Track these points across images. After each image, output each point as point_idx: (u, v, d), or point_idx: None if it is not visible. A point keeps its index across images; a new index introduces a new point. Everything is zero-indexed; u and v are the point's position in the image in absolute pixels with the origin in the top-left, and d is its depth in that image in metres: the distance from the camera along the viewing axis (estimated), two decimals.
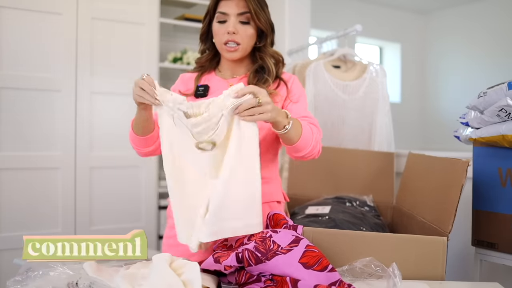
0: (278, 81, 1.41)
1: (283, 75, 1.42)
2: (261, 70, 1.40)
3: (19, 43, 2.37)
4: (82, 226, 2.50)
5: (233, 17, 1.32)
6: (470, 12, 5.50)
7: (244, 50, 1.36)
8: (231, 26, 1.31)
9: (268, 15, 1.37)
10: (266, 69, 1.38)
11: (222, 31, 1.33)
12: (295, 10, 3.24)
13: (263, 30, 1.36)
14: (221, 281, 1.06)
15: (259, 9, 1.34)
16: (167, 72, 3.13)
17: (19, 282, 0.95)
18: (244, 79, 1.40)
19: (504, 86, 1.33)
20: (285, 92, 1.39)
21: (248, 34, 1.34)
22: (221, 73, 1.44)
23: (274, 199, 1.39)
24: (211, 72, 1.46)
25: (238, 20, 1.33)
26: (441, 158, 1.43)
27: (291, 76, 1.44)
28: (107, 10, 2.58)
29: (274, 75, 1.39)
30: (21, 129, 2.39)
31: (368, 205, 1.77)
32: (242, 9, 1.32)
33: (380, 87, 2.32)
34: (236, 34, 1.32)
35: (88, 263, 1.02)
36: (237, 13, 1.32)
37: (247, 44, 1.35)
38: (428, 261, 1.15)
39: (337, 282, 0.94)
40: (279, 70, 1.42)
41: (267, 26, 1.36)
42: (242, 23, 1.33)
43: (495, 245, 1.43)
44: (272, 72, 1.38)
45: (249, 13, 1.32)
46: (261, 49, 1.40)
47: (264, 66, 1.39)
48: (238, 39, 1.33)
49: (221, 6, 1.34)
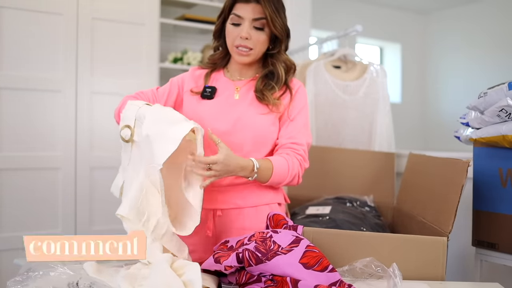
0: (285, 88, 1.40)
1: (291, 82, 1.41)
2: (271, 75, 1.38)
3: (19, 43, 2.37)
4: (83, 226, 2.50)
5: (247, 21, 1.30)
6: (470, 12, 5.50)
7: (255, 55, 1.34)
8: (244, 32, 1.29)
9: (284, 20, 1.35)
10: (276, 76, 1.37)
11: (235, 34, 1.31)
12: (296, 10, 3.24)
13: (277, 36, 1.34)
14: (221, 281, 1.06)
15: (276, 15, 1.31)
16: (168, 73, 3.12)
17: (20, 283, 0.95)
18: (251, 82, 1.40)
19: (504, 87, 1.33)
20: (288, 101, 1.38)
21: (261, 40, 1.32)
22: (229, 73, 1.43)
23: (275, 201, 1.39)
24: (220, 70, 1.45)
25: (252, 25, 1.30)
26: (442, 158, 1.43)
27: (297, 83, 1.43)
28: (107, 11, 2.58)
29: (282, 83, 1.37)
30: (21, 129, 2.38)
31: (369, 205, 1.77)
32: (258, 15, 1.30)
33: (380, 87, 2.32)
34: (249, 39, 1.31)
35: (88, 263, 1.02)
36: (252, 18, 1.30)
37: (259, 50, 1.34)
38: (428, 262, 1.15)
39: (337, 283, 0.94)
40: (289, 77, 1.40)
41: (283, 32, 1.34)
42: (256, 28, 1.31)
43: (495, 245, 1.43)
44: (281, 80, 1.37)
45: (265, 19, 1.30)
46: (274, 55, 1.38)
47: (275, 72, 1.37)
48: (251, 45, 1.31)
49: (237, 8, 1.31)
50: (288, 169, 1.29)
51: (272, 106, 1.34)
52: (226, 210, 1.35)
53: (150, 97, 1.39)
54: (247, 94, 1.37)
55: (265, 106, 1.35)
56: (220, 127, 1.32)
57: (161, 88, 1.43)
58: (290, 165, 1.30)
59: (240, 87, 1.38)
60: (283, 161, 1.29)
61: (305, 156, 1.35)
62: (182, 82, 1.43)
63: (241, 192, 1.34)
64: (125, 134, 1.21)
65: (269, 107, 1.34)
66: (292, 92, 1.38)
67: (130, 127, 1.20)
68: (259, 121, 1.33)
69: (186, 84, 1.42)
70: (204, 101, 1.37)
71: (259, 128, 1.33)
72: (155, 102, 1.37)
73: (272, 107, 1.34)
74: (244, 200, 1.34)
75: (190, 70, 1.48)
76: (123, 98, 1.36)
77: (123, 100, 1.34)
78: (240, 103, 1.36)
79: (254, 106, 1.35)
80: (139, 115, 1.18)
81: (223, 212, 1.34)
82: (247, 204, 1.34)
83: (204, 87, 1.40)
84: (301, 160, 1.33)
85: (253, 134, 1.32)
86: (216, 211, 1.34)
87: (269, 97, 1.33)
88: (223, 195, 1.34)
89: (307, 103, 1.42)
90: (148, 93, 1.39)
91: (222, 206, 1.34)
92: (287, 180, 1.31)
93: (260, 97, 1.34)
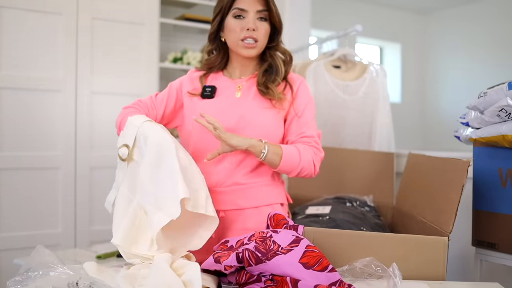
0: (285, 84, 1.40)
1: (291, 78, 1.41)
2: (270, 69, 1.39)
3: (19, 43, 2.37)
4: (82, 226, 2.50)
5: (252, 13, 1.31)
6: (470, 12, 5.50)
7: (260, 47, 1.35)
8: (251, 23, 1.31)
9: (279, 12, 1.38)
10: (275, 68, 1.38)
11: (240, 27, 1.32)
12: (295, 10, 3.24)
13: (276, 28, 1.37)
14: (221, 281, 1.06)
15: (275, 6, 1.35)
16: (167, 72, 3.13)
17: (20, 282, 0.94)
18: (252, 79, 1.40)
19: (504, 86, 1.33)
20: (291, 96, 1.38)
21: (265, 32, 1.34)
22: (229, 73, 1.43)
23: (277, 201, 1.39)
24: (218, 72, 1.45)
25: (256, 17, 1.32)
26: (442, 158, 1.43)
27: (299, 78, 1.42)
28: (107, 10, 2.58)
29: (283, 75, 1.38)
30: (21, 129, 2.38)
31: (369, 205, 1.77)
32: (261, 7, 1.32)
33: (380, 87, 2.32)
34: (256, 31, 1.32)
35: (88, 263, 1.02)
36: (257, 10, 1.32)
37: (263, 41, 1.35)
38: (428, 261, 1.15)
39: (337, 282, 0.94)
40: (288, 69, 1.41)
41: (281, 24, 1.37)
42: (260, 19, 1.33)
43: (495, 245, 1.43)
44: (281, 72, 1.38)
45: (268, 11, 1.33)
46: (271, 47, 1.40)
47: (273, 65, 1.38)
48: (257, 36, 1.32)
49: (238, 3, 1.32)
50: (300, 155, 1.29)
51: (276, 101, 1.34)
52: (228, 211, 1.35)
53: (149, 105, 1.39)
54: (249, 91, 1.37)
55: (268, 101, 1.35)
56: (223, 125, 1.32)
57: (160, 94, 1.43)
58: (302, 152, 1.30)
59: (242, 86, 1.39)
60: (293, 148, 1.30)
61: (318, 146, 1.35)
62: (180, 86, 1.43)
63: (243, 193, 1.34)
64: (122, 153, 1.22)
65: (272, 102, 1.35)
66: (293, 88, 1.39)
67: (128, 147, 1.21)
68: (263, 116, 1.33)
69: (185, 87, 1.43)
70: (205, 100, 1.37)
71: (264, 123, 1.33)
72: (154, 110, 1.38)
73: (275, 103, 1.35)
74: (246, 201, 1.34)
75: (188, 73, 1.48)
76: (122, 110, 1.36)
77: (123, 112, 1.35)
78: (243, 100, 1.36)
79: (257, 101, 1.35)
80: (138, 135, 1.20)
81: (225, 213, 1.34)
82: (249, 205, 1.34)
83: (204, 87, 1.40)
84: (314, 150, 1.33)
85: (257, 130, 1.32)
86: (218, 212, 1.34)
87: (274, 90, 1.34)
88: (225, 196, 1.34)
89: (311, 97, 1.43)
90: (147, 101, 1.40)
91: (224, 207, 1.34)
92: (300, 167, 1.30)
93: (264, 91, 1.34)
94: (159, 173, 1.12)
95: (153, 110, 1.39)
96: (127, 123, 1.24)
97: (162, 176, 1.12)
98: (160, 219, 1.06)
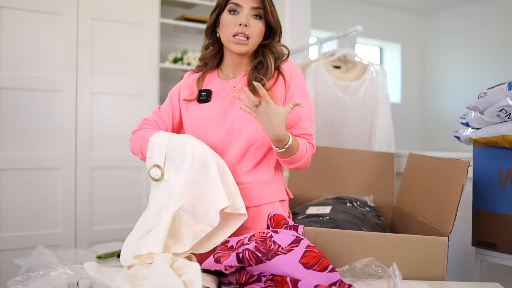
0: (277, 74, 1.38)
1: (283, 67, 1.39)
2: (260, 67, 1.38)
3: (20, 43, 2.37)
4: (83, 226, 2.51)
5: (246, 9, 1.31)
6: (470, 12, 5.50)
7: (252, 45, 1.34)
8: (244, 18, 1.30)
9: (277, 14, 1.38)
10: (265, 66, 1.37)
11: (233, 23, 1.32)
12: (295, 10, 3.24)
13: (272, 28, 1.36)
14: (221, 281, 1.06)
15: (272, 6, 1.35)
16: (168, 73, 3.13)
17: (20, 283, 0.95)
18: (245, 78, 1.40)
19: (504, 87, 1.33)
20: (283, 89, 1.37)
21: (258, 30, 1.34)
22: (223, 73, 1.43)
23: (277, 199, 1.39)
24: (213, 71, 1.45)
25: (251, 14, 1.32)
26: (442, 158, 1.43)
27: (290, 66, 1.40)
28: (107, 11, 2.58)
29: (271, 73, 1.36)
30: (21, 129, 2.39)
31: (369, 205, 1.77)
32: (256, 4, 1.32)
33: (380, 87, 2.32)
34: (248, 27, 1.31)
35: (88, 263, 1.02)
36: (251, 7, 1.32)
37: (256, 39, 1.35)
38: (428, 262, 1.15)
39: (337, 283, 0.94)
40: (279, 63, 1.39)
41: (278, 24, 1.37)
42: (255, 16, 1.33)
43: (495, 245, 1.43)
44: (270, 70, 1.36)
45: (263, 9, 1.33)
46: (266, 45, 1.39)
47: (264, 62, 1.37)
48: (249, 32, 1.32)
49: None
50: (306, 153, 1.30)
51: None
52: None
53: (157, 120, 1.40)
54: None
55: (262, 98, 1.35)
56: (221, 126, 1.32)
57: (163, 107, 1.43)
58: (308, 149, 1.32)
59: (237, 86, 1.38)
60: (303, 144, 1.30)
61: (313, 143, 1.37)
62: (178, 94, 1.44)
63: (243, 193, 1.34)
64: (155, 174, 1.24)
65: None
66: (286, 79, 1.37)
67: (160, 167, 1.23)
68: None
69: (182, 94, 1.43)
70: (202, 105, 1.38)
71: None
72: (163, 124, 1.40)
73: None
74: (246, 200, 1.34)
75: (184, 77, 1.48)
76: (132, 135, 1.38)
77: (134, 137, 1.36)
78: (238, 100, 1.35)
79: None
80: (169, 152, 1.23)
81: None
82: (249, 204, 1.34)
83: (199, 91, 1.40)
84: (311, 146, 1.35)
85: (254, 129, 1.31)
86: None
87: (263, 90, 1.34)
88: None
89: (305, 85, 1.41)
90: (153, 117, 1.41)
91: None
92: (301, 163, 1.31)
93: (253, 90, 1.32)
94: (200, 184, 1.18)
95: (163, 124, 1.40)
96: (150, 143, 1.26)
97: (204, 187, 1.18)
98: (203, 229, 1.16)
